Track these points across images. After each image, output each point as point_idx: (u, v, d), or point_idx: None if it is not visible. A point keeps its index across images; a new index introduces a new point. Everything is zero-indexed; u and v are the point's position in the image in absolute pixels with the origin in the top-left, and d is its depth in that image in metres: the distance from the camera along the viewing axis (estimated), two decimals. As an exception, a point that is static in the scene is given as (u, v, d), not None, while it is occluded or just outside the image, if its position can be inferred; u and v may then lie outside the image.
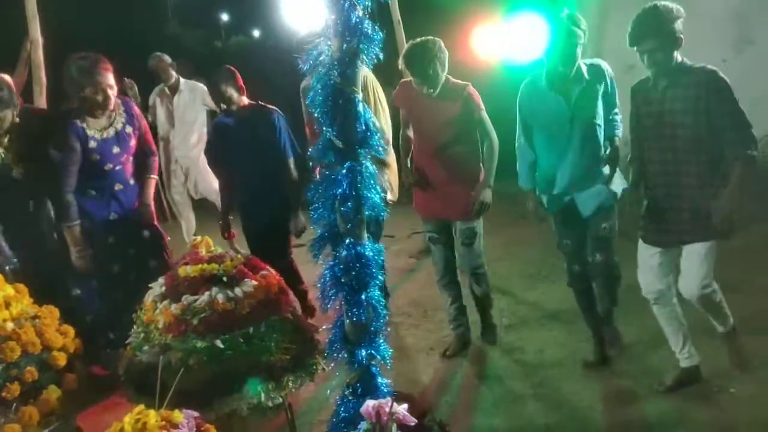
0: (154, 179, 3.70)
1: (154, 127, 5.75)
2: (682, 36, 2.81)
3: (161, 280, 2.65)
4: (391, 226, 6.41)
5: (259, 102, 3.85)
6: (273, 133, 3.71)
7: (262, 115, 3.77)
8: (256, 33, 11.91)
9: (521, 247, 5.67)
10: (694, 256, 2.92)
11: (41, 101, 4.57)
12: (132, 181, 3.57)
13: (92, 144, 3.36)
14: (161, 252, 3.64)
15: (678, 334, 3.10)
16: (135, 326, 2.59)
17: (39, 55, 4.48)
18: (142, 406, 1.93)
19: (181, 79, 5.70)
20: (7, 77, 3.32)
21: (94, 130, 3.39)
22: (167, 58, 5.67)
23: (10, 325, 2.21)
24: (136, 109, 3.66)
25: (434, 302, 4.68)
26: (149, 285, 2.70)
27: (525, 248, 5.62)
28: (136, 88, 5.45)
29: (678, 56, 2.86)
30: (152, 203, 3.66)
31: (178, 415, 1.92)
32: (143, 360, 2.43)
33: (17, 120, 3.26)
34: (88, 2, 9.33)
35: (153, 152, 3.74)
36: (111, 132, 3.43)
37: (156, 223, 3.72)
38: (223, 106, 3.76)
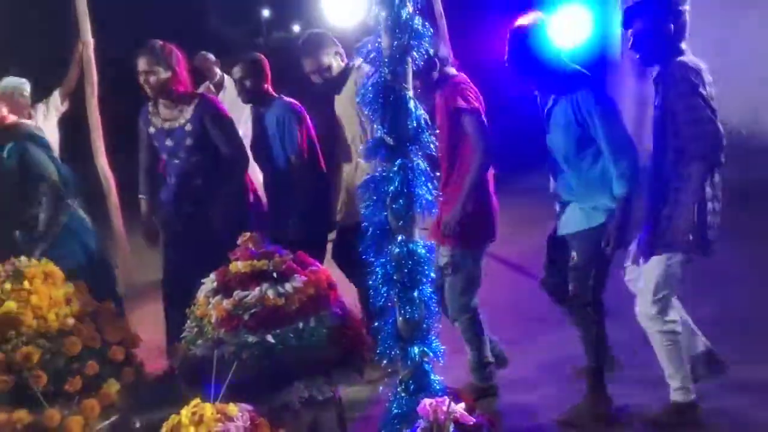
0: (226, 186, 3.41)
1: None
2: None
3: (213, 275, 2.71)
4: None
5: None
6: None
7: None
8: (297, 28, 12.01)
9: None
10: None
11: (93, 101, 4.72)
12: (199, 181, 3.40)
13: (151, 130, 3.40)
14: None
15: None
16: (189, 321, 2.65)
17: (90, 56, 4.63)
18: (198, 399, 1.99)
19: (226, 77, 5.79)
20: None
21: (158, 118, 3.38)
22: (211, 57, 5.76)
23: (71, 321, 2.29)
24: (217, 111, 3.45)
25: (483, 298, 4.66)
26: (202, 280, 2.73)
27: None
28: None
29: None
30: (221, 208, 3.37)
31: (233, 408, 1.97)
32: (197, 354, 2.48)
33: None
34: (133, 2, 9.57)
35: (234, 159, 3.44)
36: (172, 125, 3.35)
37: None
38: None
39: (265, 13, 12.59)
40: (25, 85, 4.64)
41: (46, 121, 4.62)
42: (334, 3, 5.58)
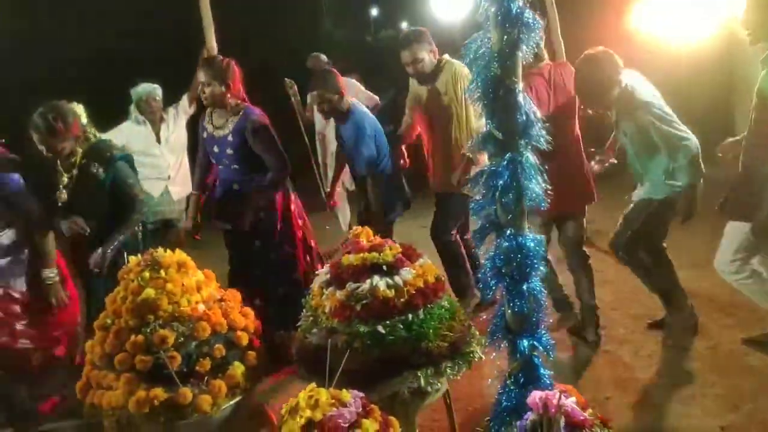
0: (257, 193, 3.62)
1: (312, 124, 6.08)
2: None
3: (327, 267, 2.83)
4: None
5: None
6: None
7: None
8: (404, 26, 12.11)
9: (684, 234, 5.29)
10: None
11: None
12: (237, 187, 3.64)
13: (204, 135, 3.71)
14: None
15: None
16: (304, 310, 2.79)
17: (214, 62, 4.93)
18: (314, 384, 2.09)
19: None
20: (78, 108, 3.30)
21: (210, 125, 3.66)
22: (324, 58, 5.95)
23: (201, 307, 2.48)
24: (258, 123, 3.59)
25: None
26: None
27: (688, 236, 5.22)
28: (295, 86, 5.77)
29: None
30: (252, 211, 3.61)
31: (346, 394, 2.04)
32: (312, 342, 2.60)
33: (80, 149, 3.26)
34: (252, 6, 10.05)
35: (276, 168, 3.63)
36: (219, 133, 3.61)
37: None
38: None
39: (373, 12, 12.80)
40: (158, 90, 5.04)
41: (176, 123, 5.00)
42: (439, 1, 5.60)
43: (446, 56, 4.11)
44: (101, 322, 2.47)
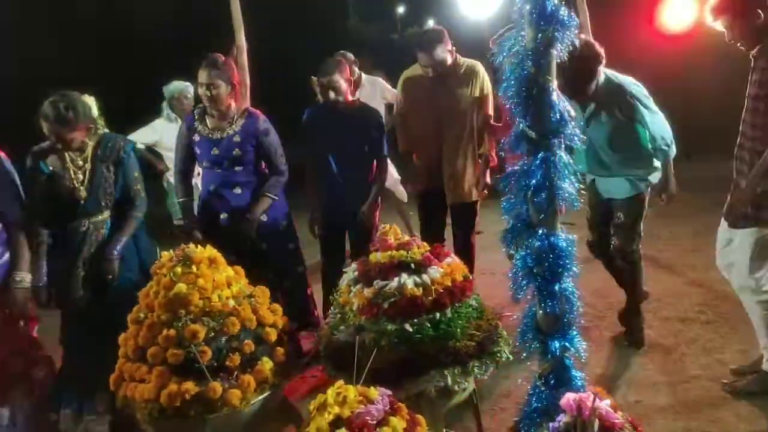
0: (267, 197, 3.62)
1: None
2: None
3: (354, 265, 2.83)
4: (569, 212, 6.19)
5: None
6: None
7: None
8: (431, 23, 12.09)
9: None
10: None
11: (246, 101, 5.07)
12: (239, 190, 3.59)
13: (196, 138, 3.57)
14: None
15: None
16: (332, 307, 2.80)
17: (244, 59, 4.95)
18: (342, 381, 2.09)
19: (363, 75, 5.95)
20: (89, 100, 3.15)
21: (205, 127, 3.55)
22: (350, 56, 5.93)
23: (231, 303, 2.50)
24: (268, 126, 3.65)
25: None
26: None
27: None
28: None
29: None
30: (257, 218, 3.59)
31: (374, 392, 2.04)
32: (340, 339, 2.61)
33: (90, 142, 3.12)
34: (280, 3, 10.11)
35: (278, 172, 3.67)
36: (218, 134, 3.53)
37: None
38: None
39: (400, 9, 12.79)
40: (189, 88, 5.10)
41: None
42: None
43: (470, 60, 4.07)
44: (134, 316, 2.51)
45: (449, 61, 3.89)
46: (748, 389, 3.05)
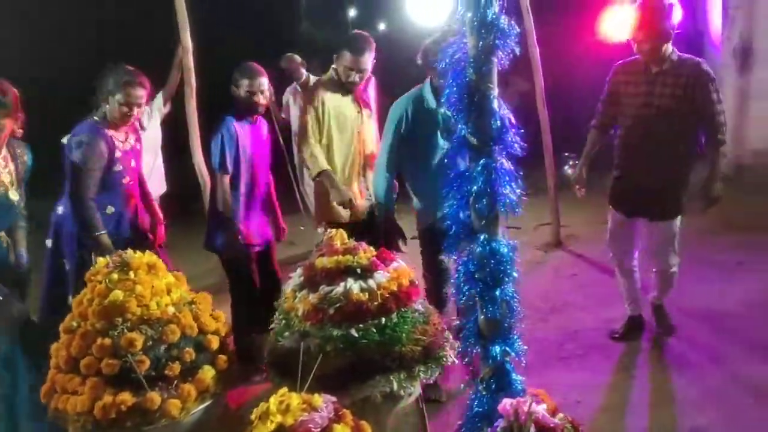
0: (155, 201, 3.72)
1: (288, 125, 6.04)
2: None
3: (299, 270, 2.80)
4: (515, 217, 6.33)
5: None
6: None
7: None
8: (382, 27, 12.12)
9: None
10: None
11: (192, 103, 4.98)
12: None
13: (118, 154, 3.32)
14: None
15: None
16: (277, 313, 2.76)
17: (189, 60, 4.87)
18: (285, 389, 2.06)
19: (311, 77, 5.93)
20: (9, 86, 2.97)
21: (118, 141, 3.35)
22: (298, 58, 5.91)
23: (171, 310, 2.42)
24: (139, 133, 3.64)
25: (564, 297, 4.57)
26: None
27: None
28: (272, 88, 5.71)
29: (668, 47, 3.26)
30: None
31: (318, 399, 2.02)
32: (285, 345, 2.58)
33: (20, 131, 3.07)
34: (229, 6, 9.95)
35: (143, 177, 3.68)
36: (128, 146, 3.41)
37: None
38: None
39: (351, 12, 12.79)
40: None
41: (151, 122, 4.92)
42: (418, 3, 5.60)
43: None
44: (67, 325, 2.41)
45: (369, 69, 3.75)
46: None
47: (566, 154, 7.80)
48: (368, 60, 3.67)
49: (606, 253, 5.29)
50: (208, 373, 2.38)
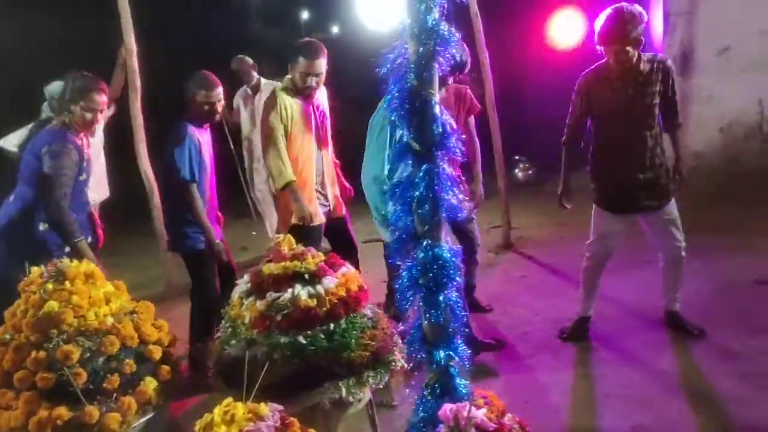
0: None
1: (238, 128, 5.96)
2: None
3: (246, 277, 2.76)
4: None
5: None
6: None
7: None
8: (335, 30, 12.09)
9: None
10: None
11: (137, 106, 4.86)
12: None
13: (84, 164, 3.34)
14: None
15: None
16: (223, 321, 2.71)
17: (134, 63, 4.76)
18: (230, 399, 2.02)
19: (262, 80, 5.87)
20: None
21: (82, 149, 3.33)
22: (249, 60, 5.84)
23: (110, 320, 2.35)
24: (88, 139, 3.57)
25: (513, 298, 4.64)
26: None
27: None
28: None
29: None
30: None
31: (264, 408, 1.99)
32: (231, 354, 2.53)
33: None
34: (178, 7, 9.77)
35: None
36: (88, 153, 3.41)
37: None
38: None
39: (304, 15, 12.73)
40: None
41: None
42: (369, 7, 5.61)
43: None
44: (-1, 338, 2.32)
45: (323, 78, 3.79)
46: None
47: (516, 157, 7.96)
48: (323, 64, 3.72)
49: (554, 255, 5.45)
50: (149, 384, 2.32)
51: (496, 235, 6.16)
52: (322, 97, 3.96)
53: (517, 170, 8.00)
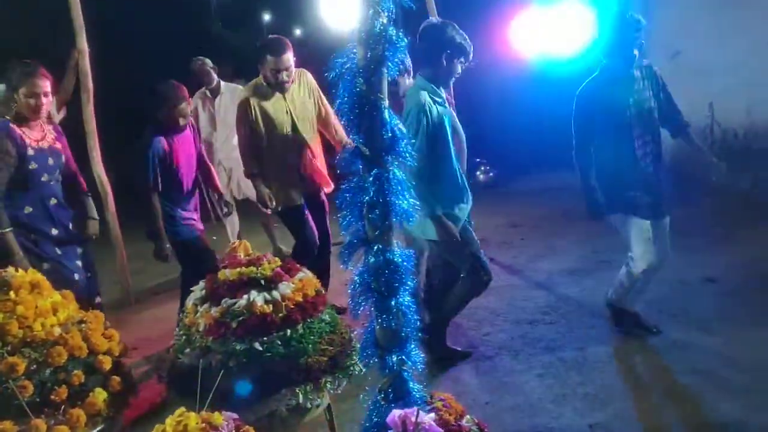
0: (89, 196, 3.73)
1: (197, 131, 5.86)
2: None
3: (202, 283, 2.71)
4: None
5: None
6: None
7: None
8: (298, 32, 12.03)
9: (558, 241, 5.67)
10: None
11: (89, 109, 4.74)
12: (64, 201, 3.49)
13: (30, 152, 3.29)
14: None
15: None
16: (177, 329, 2.66)
17: (86, 64, 4.64)
18: (183, 409, 1.98)
19: (222, 82, 5.80)
20: None
21: (30, 138, 3.31)
22: (208, 62, 5.77)
23: (57, 330, 2.29)
24: (60, 130, 3.64)
25: (475, 300, 4.66)
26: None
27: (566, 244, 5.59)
28: None
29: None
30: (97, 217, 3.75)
31: (218, 417, 1.96)
32: (185, 362, 2.49)
33: None
34: (135, 6, 9.58)
35: (78, 173, 3.68)
36: (45, 144, 3.38)
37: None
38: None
39: (266, 17, 12.63)
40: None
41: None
42: (330, 9, 5.60)
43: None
44: (-61, 351, 2.23)
45: (293, 70, 4.02)
46: None
47: (477, 159, 8.04)
48: (290, 58, 3.94)
49: (514, 256, 5.52)
50: (99, 396, 2.26)
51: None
52: (306, 82, 4.20)
53: (478, 173, 8.09)
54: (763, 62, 6.11)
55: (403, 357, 1.80)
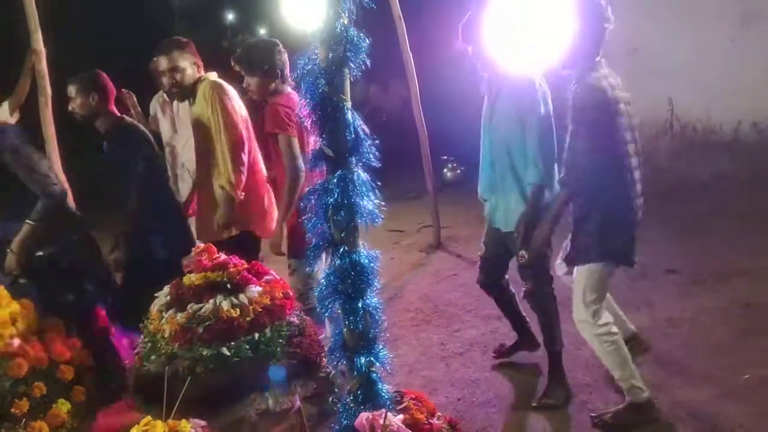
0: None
1: (158, 135, 5.74)
2: None
3: (166, 289, 2.66)
4: (398, 220, 6.45)
5: None
6: None
7: None
8: (262, 31, 11.93)
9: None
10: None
11: (47, 112, 4.60)
12: None
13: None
14: None
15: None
16: (142, 336, 2.61)
17: (43, 66, 4.50)
18: (149, 417, 1.95)
19: (184, 85, 5.68)
20: None
21: None
22: (166, 62, 5.63)
23: (16, 342, 2.23)
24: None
25: (445, 297, 4.69)
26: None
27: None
28: (134, 97, 5.40)
29: None
30: None
31: (185, 425, 1.93)
32: (151, 370, 2.44)
33: None
34: (95, 7, 9.38)
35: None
36: None
37: None
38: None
39: (230, 17, 12.50)
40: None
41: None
42: (293, 9, 5.55)
43: (213, 74, 3.71)
44: None
45: (190, 73, 3.60)
46: (620, 421, 2.84)
47: (444, 157, 8.08)
48: (176, 59, 3.57)
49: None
50: (62, 407, 2.22)
51: (427, 235, 6.22)
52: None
53: (445, 170, 8.13)
54: (718, 60, 6.29)
55: (372, 359, 1.80)
